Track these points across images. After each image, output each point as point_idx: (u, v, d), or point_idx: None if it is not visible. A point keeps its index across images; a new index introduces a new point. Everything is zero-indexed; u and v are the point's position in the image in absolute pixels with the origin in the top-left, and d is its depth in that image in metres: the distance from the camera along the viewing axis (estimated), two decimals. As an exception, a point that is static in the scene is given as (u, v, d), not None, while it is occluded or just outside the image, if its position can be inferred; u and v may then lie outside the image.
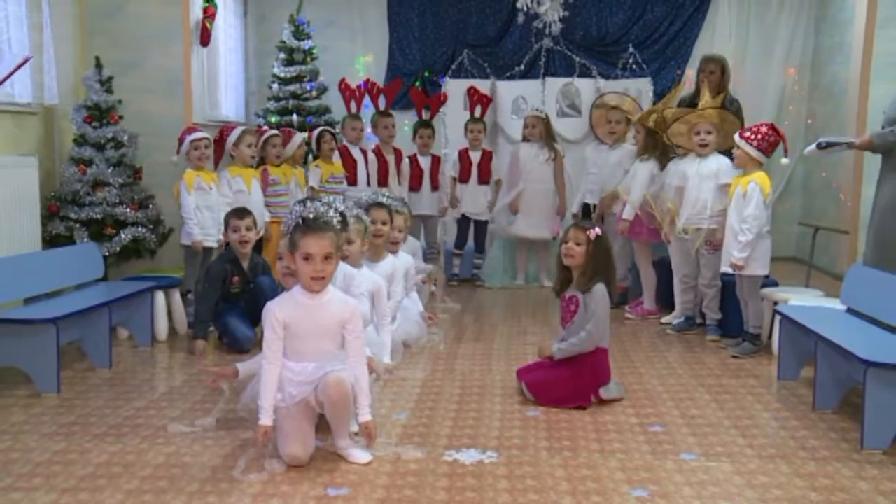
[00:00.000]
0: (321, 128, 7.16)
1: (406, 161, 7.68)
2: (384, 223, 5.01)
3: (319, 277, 3.23)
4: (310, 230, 3.23)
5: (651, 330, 5.90)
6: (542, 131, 7.52)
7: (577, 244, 4.02)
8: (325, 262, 3.23)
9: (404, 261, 5.35)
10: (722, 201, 5.35)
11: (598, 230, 4.01)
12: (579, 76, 8.98)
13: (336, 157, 7.16)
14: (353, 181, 7.22)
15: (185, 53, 6.70)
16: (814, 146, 5.11)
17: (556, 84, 8.87)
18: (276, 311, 3.25)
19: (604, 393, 4.05)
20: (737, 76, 9.01)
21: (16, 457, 3.30)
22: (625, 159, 6.62)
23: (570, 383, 3.99)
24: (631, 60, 9.09)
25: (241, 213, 5.27)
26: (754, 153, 5.01)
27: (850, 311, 4.51)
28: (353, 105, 7.55)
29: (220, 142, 6.06)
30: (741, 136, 5.07)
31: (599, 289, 3.99)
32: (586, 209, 7.31)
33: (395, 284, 5.03)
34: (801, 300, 5.07)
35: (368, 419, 3.32)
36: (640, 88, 8.64)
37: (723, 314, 5.60)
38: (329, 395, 3.17)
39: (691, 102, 6.35)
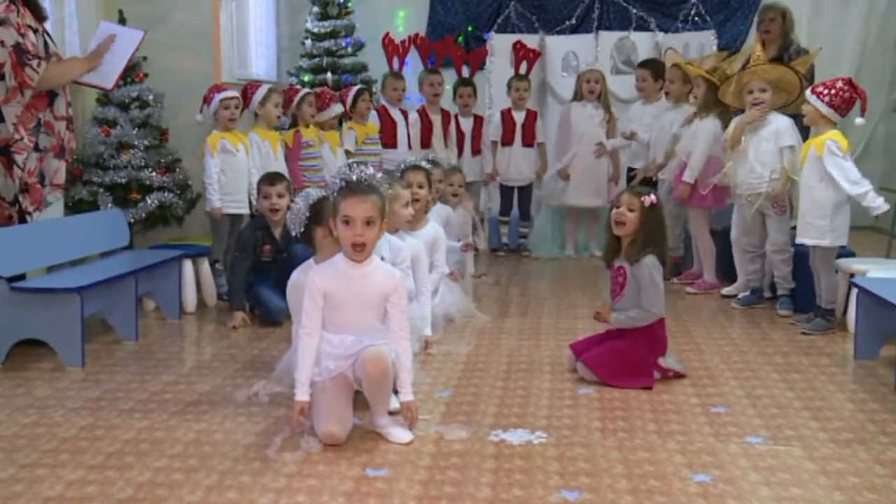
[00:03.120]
0: (359, 86, 7.14)
1: (452, 123, 7.65)
2: (420, 187, 4.98)
3: (359, 243, 3.22)
4: (351, 192, 3.22)
5: (712, 304, 5.83)
6: (602, 89, 7.43)
7: (630, 210, 3.98)
8: (367, 227, 3.21)
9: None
10: (785, 164, 5.27)
11: (653, 197, 3.98)
12: (636, 30, 8.86)
13: (372, 117, 7.15)
14: (391, 143, 7.22)
15: (213, 7, 6.71)
16: None
17: (610, 38, 8.76)
18: (316, 279, 3.25)
19: (663, 362, 4.05)
20: (812, 28, 8.81)
21: (41, 432, 3.35)
22: (678, 121, 6.48)
23: (629, 356, 3.98)
24: (693, 12, 8.92)
25: (272, 178, 5.29)
26: (825, 110, 4.89)
27: (936, 284, 4.41)
28: (395, 63, 7.52)
29: (243, 101, 6.07)
30: (813, 92, 4.95)
31: (649, 261, 3.96)
32: (630, 175, 7.23)
33: (437, 253, 5.02)
34: (881, 272, 4.96)
35: (410, 399, 3.31)
36: (703, 42, 8.49)
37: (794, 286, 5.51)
38: (367, 371, 3.17)
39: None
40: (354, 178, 3.23)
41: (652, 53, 8.37)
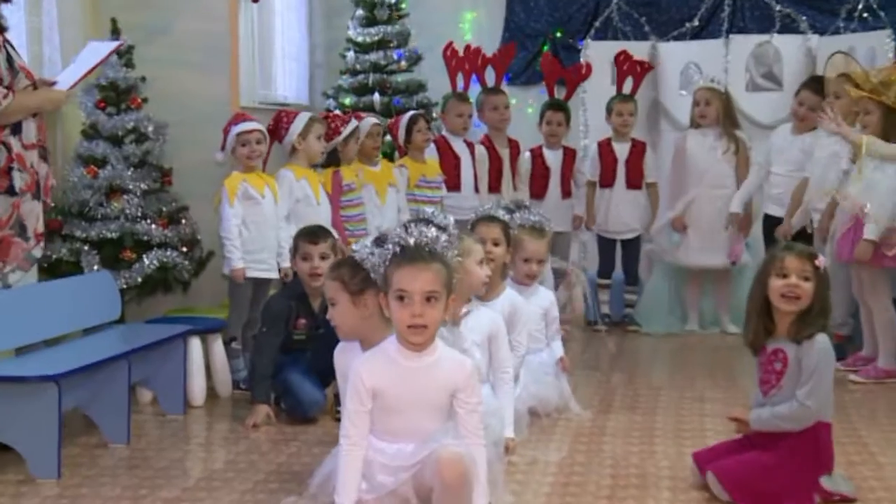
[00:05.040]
0: (413, 112, 7.18)
1: (526, 156, 7.65)
2: (496, 244, 4.97)
3: (419, 325, 3.20)
4: (406, 260, 3.21)
5: (891, 398, 5.73)
6: (718, 111, 7.40)
7: (805, 279, 3.89)
8: (427, 304, 3.20)
9: (541, 299, 5.35)
10: None
11: (821, 257, 3.91)
12: (780, 31, 8.77)
13: (430, 151, 7.16)
14: (453, 185, 7.20)
15: (230, 13, 6.83)
16: None
17: (745, 44, 8.69)
18: (362, 374, 3.24)
19: (828, 484, 3.93)
20: None
21: (3, 567, 3.37)
22: (845, 152, 6.39)
23: (779, 474, 3.87)
24: (860, 6, 8.81)
25: (315, 234, 5.32)
26: None
27: None
28: (459, 80, 7.55)
29: (274, 132, 6.15)
30: None
31: (822, 341, 3.88)
32: (769, 225, 7.13)
33: (517, 331, 4.98)
34: None
35: (485, 524, 3.31)
36: (874, 46, 8.34)
37: None
38: (443, 477, 3.16)
39: None
40: (412, 241, 3.22)
41: (803, 62, 8.29)
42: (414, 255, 3.23)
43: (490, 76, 7.80)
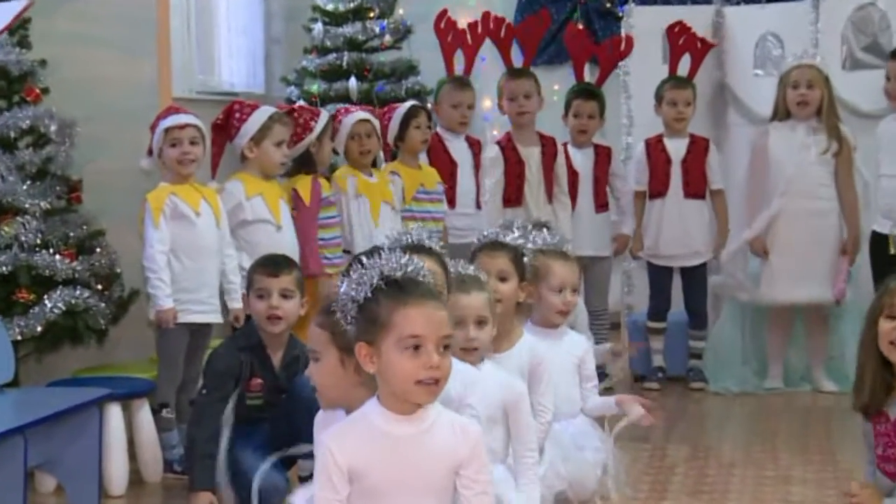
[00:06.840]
0: (410, 103, 7.19)
1: (561, 158, 7.64)
2: (503, 279, 4.96)
3: (433, 380, 3.19)
4: (415, 296, 3.19)
5: None
6: (823, 98, 7.37)
7: None
8: (444, 353, 3.17)
9: (572, 346, 5.36)
10: None
11: None
12: (890, -11, 8.83)
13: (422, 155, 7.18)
14: (448, 198, 7.17)
15: (158, -23, 6.87)
16: None
17: (841, 8, 8.71)
18: (333, 449, 3.22)
19: None
20: None
21: None
22: None
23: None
24: None
25: (275, 265, 5.29)
26: None
27: None
28: (458, 62, 7.57)
29: (223, 128, 6.16)
30: None
31: None
32: (880, 248, 7.18)
33: (540, 392, 4.97)
34: None
35: None
36: None
37: None
38: None
39: None
40: (409, 269, 3.22)
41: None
42: (423, 290, 3.21)
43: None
